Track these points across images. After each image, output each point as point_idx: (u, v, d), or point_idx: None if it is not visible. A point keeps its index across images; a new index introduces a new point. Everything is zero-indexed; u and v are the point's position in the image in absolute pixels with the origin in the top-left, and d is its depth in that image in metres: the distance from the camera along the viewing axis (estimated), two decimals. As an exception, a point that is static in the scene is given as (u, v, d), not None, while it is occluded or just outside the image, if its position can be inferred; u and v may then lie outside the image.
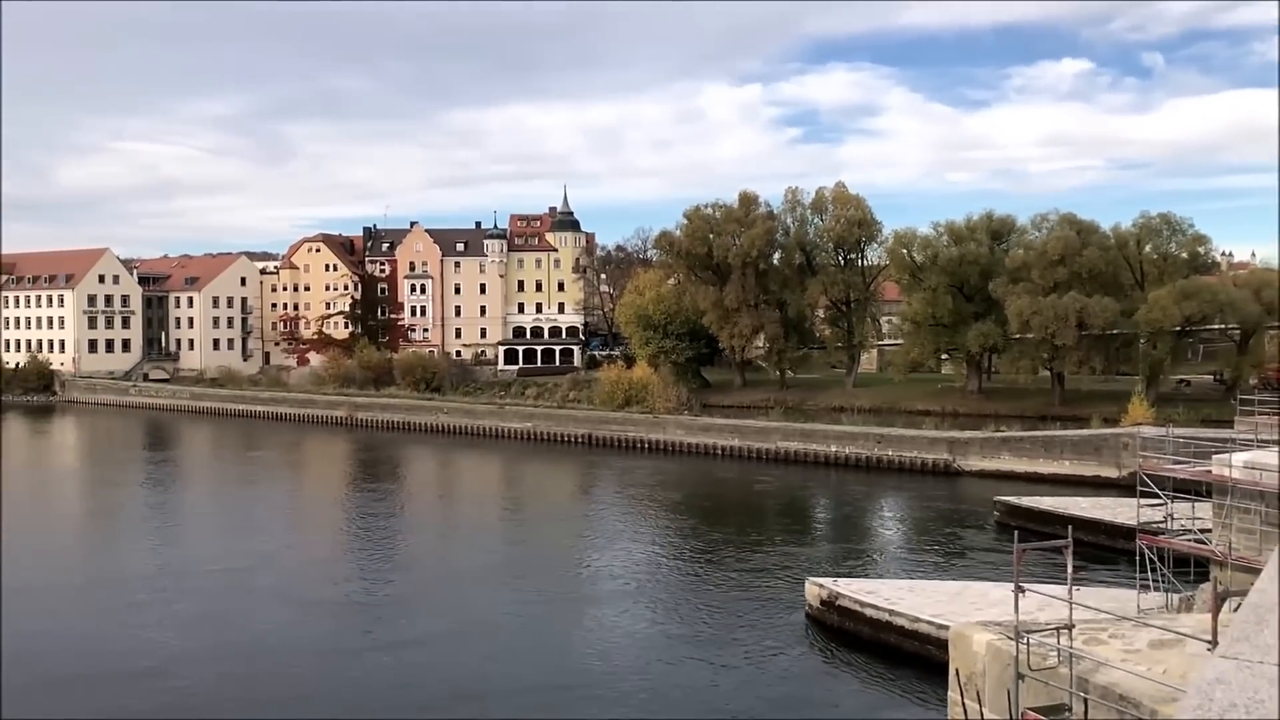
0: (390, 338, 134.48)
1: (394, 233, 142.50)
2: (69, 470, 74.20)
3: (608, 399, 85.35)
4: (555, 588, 37.22)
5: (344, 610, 34.21)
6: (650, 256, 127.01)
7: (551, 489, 64.36)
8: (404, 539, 47.09)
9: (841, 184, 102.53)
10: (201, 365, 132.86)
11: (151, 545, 44.90)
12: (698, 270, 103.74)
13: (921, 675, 26.66)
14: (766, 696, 26.74)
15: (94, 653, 29.69)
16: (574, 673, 28.31)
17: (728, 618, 33.05)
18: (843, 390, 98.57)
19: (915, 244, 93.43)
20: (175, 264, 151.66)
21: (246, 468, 73.73)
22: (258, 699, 26.03)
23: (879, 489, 58.90)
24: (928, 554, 42.47)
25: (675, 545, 44.88)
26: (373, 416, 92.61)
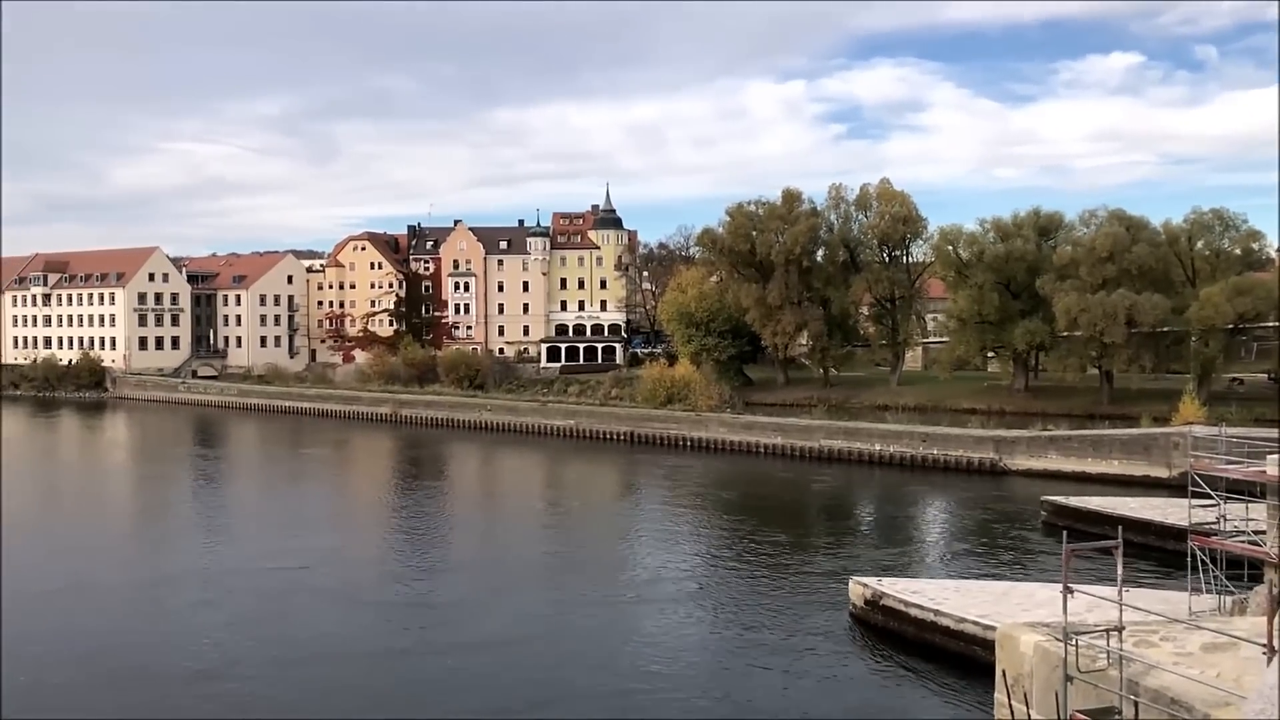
0: (434, 335, 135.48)
1: (438, 231, 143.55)
2: (122, 467, 75.38)
3: (650, 397, 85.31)
4: (600, 587, 37.20)
5: (401, 611, 34.02)
6: (693, 254, 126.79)
7: (595, 487, 64.43)
8: (453, 537, 47.18)
9: (886, 180, 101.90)
10: (249, 362, 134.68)
11: (207, 543, 45.08)
12: (740, 267, 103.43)
13: (967, 676, 26.39)
14: (809, 696, 26.59)
15: (152, 652, 29.61)
16: (617, 671, 28.30)
17: (770, 617, 32.91)
18: (887, 388, 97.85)
19: (961, 240, 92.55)
20: (223, 262, 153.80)
21: (296, 464, 74.57)
22: (321, 702, 25.80)
23: (923, 488, 58.36)
24: (973, 554, 42.01)
25: (718, 544, 44.78)
26: (417, 413, 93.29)
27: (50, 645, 30.10)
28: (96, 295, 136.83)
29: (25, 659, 28.69)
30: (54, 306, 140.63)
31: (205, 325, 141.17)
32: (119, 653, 29.54)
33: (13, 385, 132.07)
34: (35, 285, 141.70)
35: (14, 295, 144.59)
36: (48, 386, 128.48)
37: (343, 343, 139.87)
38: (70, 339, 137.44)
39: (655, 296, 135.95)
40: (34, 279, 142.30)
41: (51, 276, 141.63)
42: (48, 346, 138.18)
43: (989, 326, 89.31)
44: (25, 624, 32.13)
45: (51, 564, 40.43)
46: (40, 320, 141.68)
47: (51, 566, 39.92)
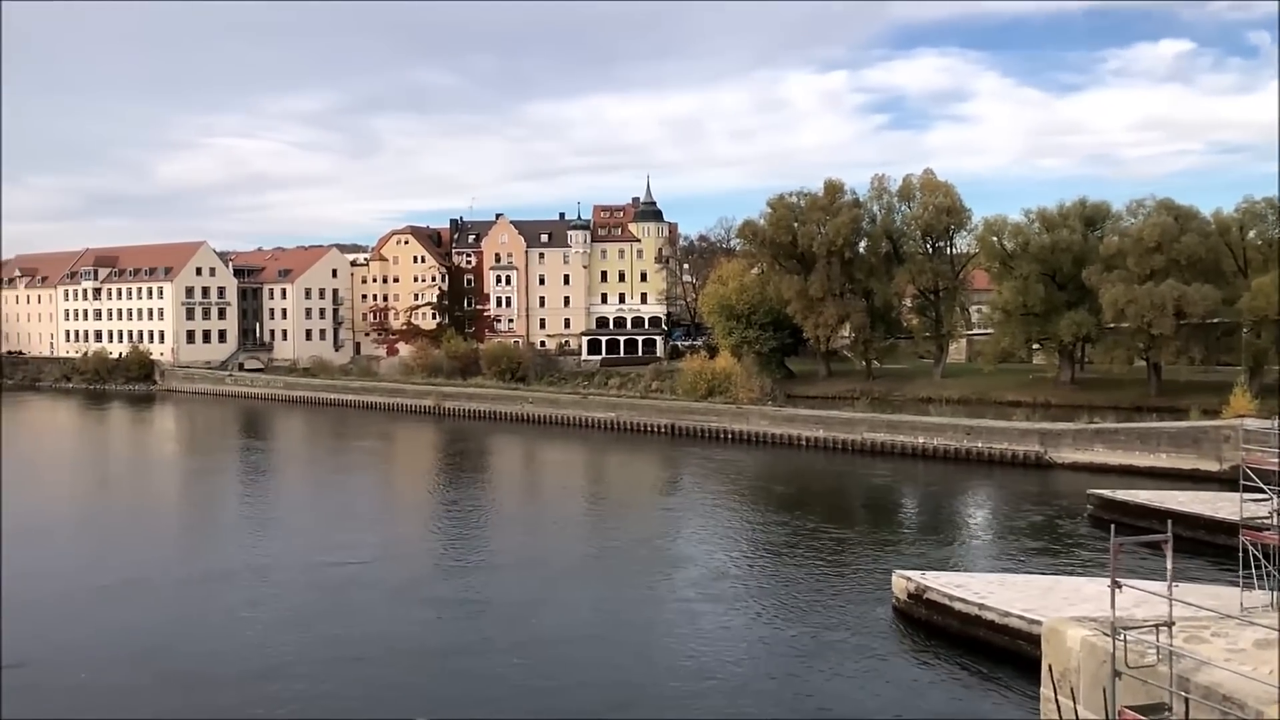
0: (476, 328, 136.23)
1: (479, 224, 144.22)
2: (172, 459, 76.45)
3: (691, 389, 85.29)
4: (645, 581, 37.32)
5: (459, 608, 33.85)
6: (733, 246, 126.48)
7: (637, 480, 64.47)
8: (502, 532, 47.08)
9: (929, 171, 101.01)
10: (294, 355, 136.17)
11: (259, 537, 45.25)
12: (782, 259, 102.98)
13: (1012, 671, 26.21)
14: (853, 690, 26.52)
15: (210, 651, 29.46)
16: (660, 664, 28.41)
17: (814, 610, 32.86)
18: (930, 381, 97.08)
19: (1006, 231, 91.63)
20: (269, 256, 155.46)
21: (343, 457, 75.23)
22: (386, 702, 25.35)
23: (968, 481, 57.90)
24: (1018, 548, 41.63)
25: (761, 536, 44.70)
26: (459, 406, 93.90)
27: (107, 643, 30.08)
28: (145, 289, 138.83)
29: (83, 657, 28.67)
30: (104, 301, 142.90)
31: (251, 319, 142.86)
32: (175, 651, 29.38)
33: (65, 378, 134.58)
34: (86, 280, 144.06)
35: (66, 290, 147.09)
36: (98, 379, 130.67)
37: (386, 336, 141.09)
38: (120, 333, 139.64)
39: (696, 289, 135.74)
40: (85, 273, 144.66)
41: (102, 271, 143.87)
42: (98, 340, 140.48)
43: (1034, 318, 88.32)
44: (82, 620, 32.23)
45: (106, 558, 40.68)
46: (91, 314, 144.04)
47: (106, 561, 40.18)
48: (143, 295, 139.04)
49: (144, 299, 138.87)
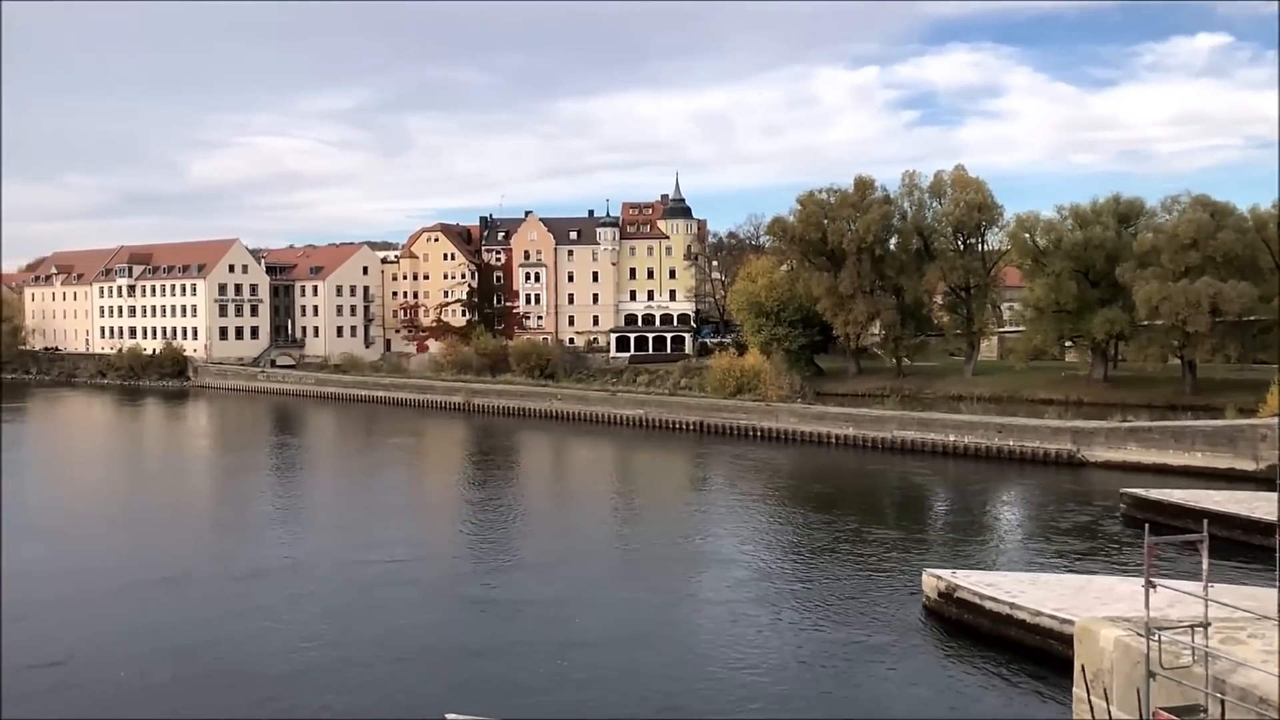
0: (505, 325, 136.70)
1: (509, 222, 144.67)
2: (207, 455, 77.14)
3: (719, 387, 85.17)
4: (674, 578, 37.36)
5: (500, 608, 33.43)
6: (762, 243, 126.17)
7: (667, 477, 64.50)
8: (536, 530, 46.96)
9: (961, 167, 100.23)
10: (326, 352, 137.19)
11: (295, 534, 45.15)
12: (811, 256, 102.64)
13: (1044, 671, 26.03)
14: (882, 689, 26.41)
15: (250, 649, 29.18)
16: (690, 663, 28.37)
17: (843, 608, 32.75)
18: (961, 378, 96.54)
19: (1038, 228, 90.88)
20: (300, 254, 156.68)
21: (376, 453, 75.60)
22: (432, 703, 24.39)
23: (999, 480, 57.52)
24: (1050, 547, 41.29)
25: (790, 534, 44.60)
26: (489, 402, 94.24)
27: (146, 641, 29.81)
28: (179, 286, 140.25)
29: (123, 655, 28.48)
30: (138, 298, 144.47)
31: (283, 315, 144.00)
32: (215, 650, 29.05)
33: (100, 374, 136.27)
34: (121, 277, 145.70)
35: (101, 287, 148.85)
36: (133, 375, 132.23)
37: (417, 333, 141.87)
38: (154, 329, 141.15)
39: (725, 286, 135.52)
40: (119, 271, 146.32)
41: (136, 268, 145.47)
42: (133, 336, 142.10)
43: (1066, 315, 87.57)
44: (121, 618, 32.14)
45: (144, 555, 40.64)
46: (125, 311, 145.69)
47: (144, 558, 40.15)
48: (176, 292, 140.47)
49: (178, 296, 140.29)
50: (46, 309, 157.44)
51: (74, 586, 35.74)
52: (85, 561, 39.82)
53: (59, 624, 31.48)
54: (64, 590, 35.19)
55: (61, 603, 33.73)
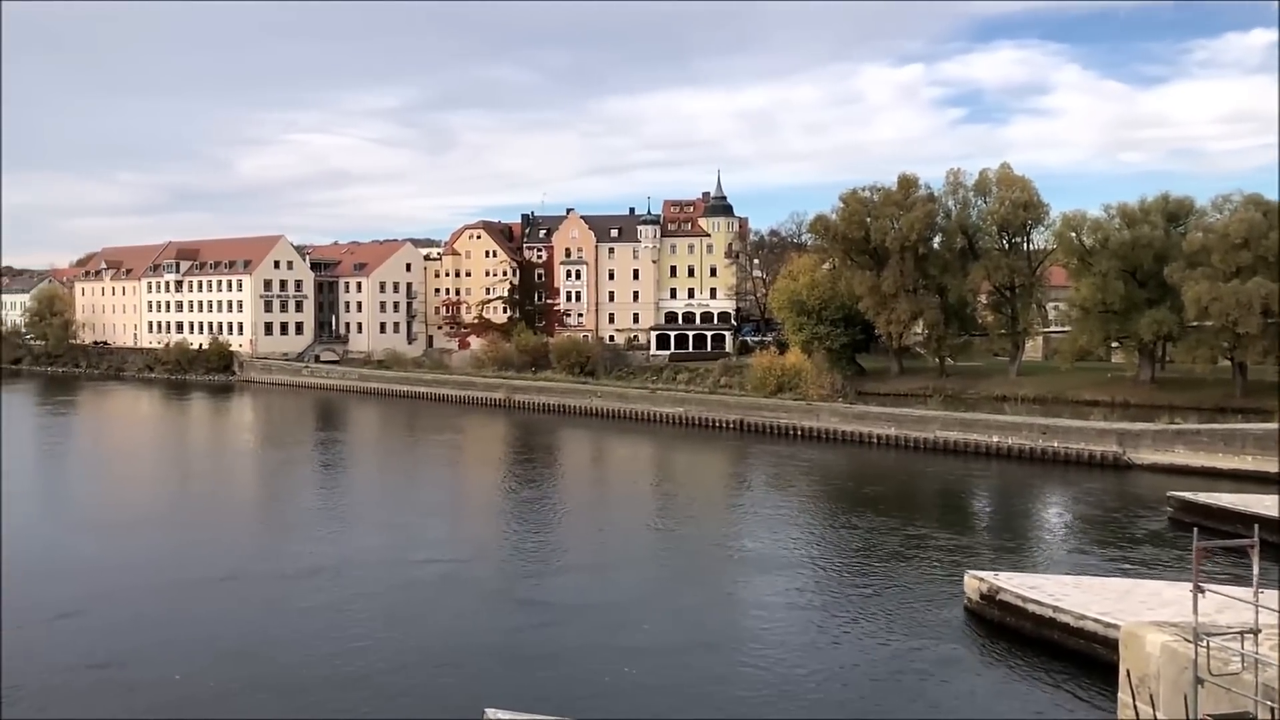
0: (546, 322, 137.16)
1: (550, 220, 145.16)
2: (253, 450, 77.72)
3: (760, 385, 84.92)
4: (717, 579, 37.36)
5: (560, 611, 32.76)
6: (804, 241, 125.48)
7: (709, 477, 64.33)
8: (578, 530, 46.68)
9: (1006, 165, 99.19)
10: (369, 348, 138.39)
11: (344, 531, 44.88)
12: (854, 255, 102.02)
13: (1088, 675, 25.73)
14: (924, 691, 26.20)
15: (305, 652, 28.77)
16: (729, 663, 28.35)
17: (884, 610, 32.53)
18: (1005, 379, 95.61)
19: (1085, 227, 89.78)
20: (344, 251, 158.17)
21: (421, 450, 76.03)
22: (485, 701, 23.29)
23: (1043, 481, 56.89)
24: (1094, 550, 40.78)
25: (832, 535, 44.40)
26: (529, 399, 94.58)
27: (200, 641, 29.55)
28: (225, 282, 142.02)
29: (177, 656, 28.23)
30: (185, 293, 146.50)
31: (327, 311, 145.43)
32: (269, 652, 28.82)
33: (148, 368, 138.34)
34: (168, 273, 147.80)
35: (149, 282, 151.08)
36: (180, 370, 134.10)
37: (458, 329, 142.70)
38: (200, 324, 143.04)
39: (766, 284, 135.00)
40: (167, 266, 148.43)
41: (183, 264, 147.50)
42: (179, 331, 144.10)
43: (1113, 316, 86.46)
44: (174, 617, 31.83)
45: (195, 553, 40.33)
46: (173, 306, 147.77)
47: (195, 556, 39.83)
48: (223, 288, 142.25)
49: (224, 291, 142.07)
50: (96, 304, 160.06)
51: (126, 583, 35.66)
52: (137, 557, 39.83)
53: (112, 621, 31.41)
54: (116, 586, 35.18)
55: (114, 600, 33.65)
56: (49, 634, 30.20)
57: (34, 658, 28.08)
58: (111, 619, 31.71)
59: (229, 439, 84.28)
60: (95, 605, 33.02)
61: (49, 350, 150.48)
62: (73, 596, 33.72)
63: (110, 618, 31.81)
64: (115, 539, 43.33)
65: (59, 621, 31.23)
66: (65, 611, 32.12)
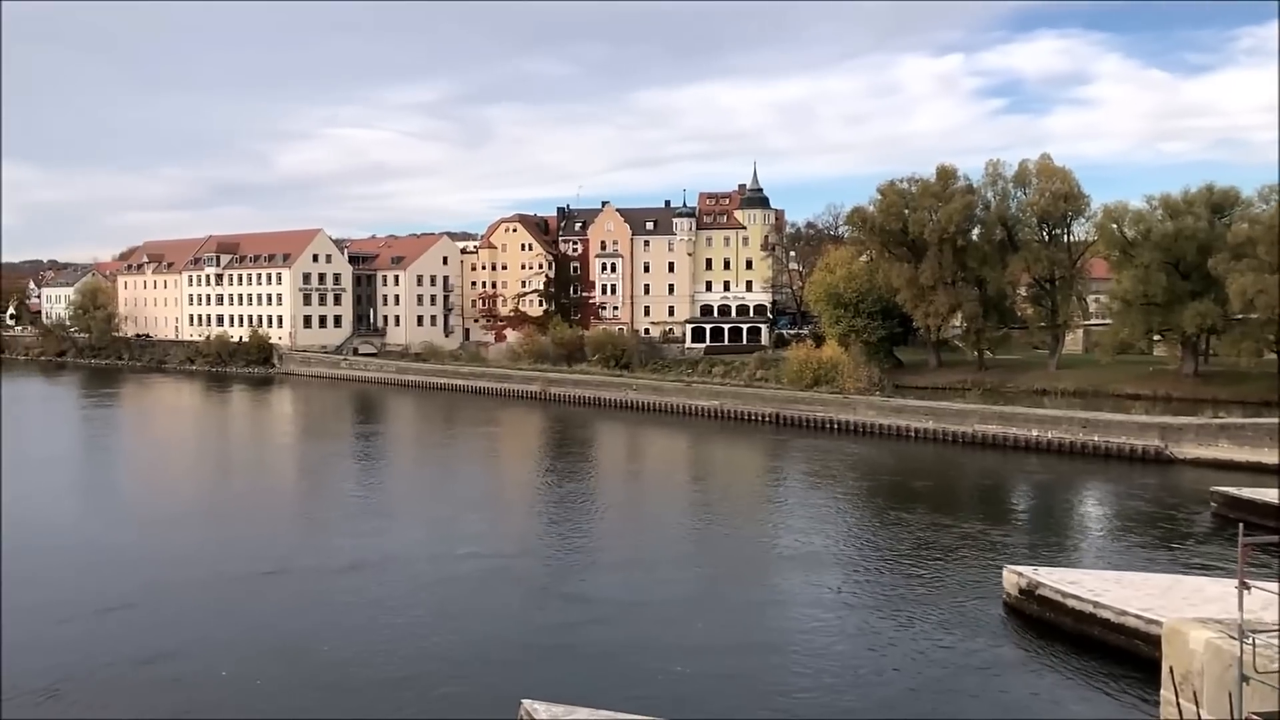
0: (582, 315, 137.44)
1: (586, 213, 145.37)
2: (295, 443, 78.62)
3: (796, 378, 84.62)
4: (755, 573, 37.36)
5: (611, 609, 32.53)
6: (841, 233, 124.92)
7: (745, 470, 64.21)
8: (618, 524, 46.46)
9: (1047, 156, 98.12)
10: (406, 340, 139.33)
11: (387, 525, 44.88)
12: (892, 247, 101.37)
13: (1129, 672, 25.47)
14: (963, 687, 26.03)
15: (357, 650, 28.40)
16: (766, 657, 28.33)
17: (921, 604, 32.35)
18: (1045, 372, 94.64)
19: (1126, 218, 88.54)
20: (382, 244, 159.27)
21: (461, 443, 76.41)
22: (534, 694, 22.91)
23: (1083, 476, 56.29)
24: (1135, 545, 40.33)
25: (868, 529, 44.19)
26: (565, 392, 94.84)
27: (247, 637, 29.53)
28: (265, 275, 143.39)
29: (223, 653, 28.13)
30: (226, 286, 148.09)
31: (365, 304, 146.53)
32: (318, 648, 28.61)
33: (189, 360, 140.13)
34: (209, 266, 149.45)
35: (190, 275, 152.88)
36: (220, 362, 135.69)
37: (495, 322, 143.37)
38: (240, 317, 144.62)
39: (802, 276, 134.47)
40: (208, 260, 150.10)
41: (224, 258, 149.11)
42: (220, 324, 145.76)
43: (1155, 308, 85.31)
44: (220, 612, 31.77)
45: (239, 547, 40.35)
46: (213, 299, 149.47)
47: (239, 550, 39.83)
48: (262, 281, 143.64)
49: (263, 284, 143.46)
50: (138, 297, 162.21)
51: (173, 577, 35.72)
52: (182, 551, 39.92)
53: (160, 616, 31.44)
54: (163, 580, 35.30)
55: (161, 594, 33.72)
56: (99, 627, 30.38)
57: (84, 652, 28.32)
58: (159, 613, 31.74)
59: (270, 431, 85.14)
60: (143, 599, 33.13)
61: (93, 343, 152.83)
62: (121, 591, 33.84)
63: (157, 612, 31.88)
64: (161, 532, 43.63)
65: (109, 615, 31.44)
66: (114, 605, 32.30)
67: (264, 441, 78.11)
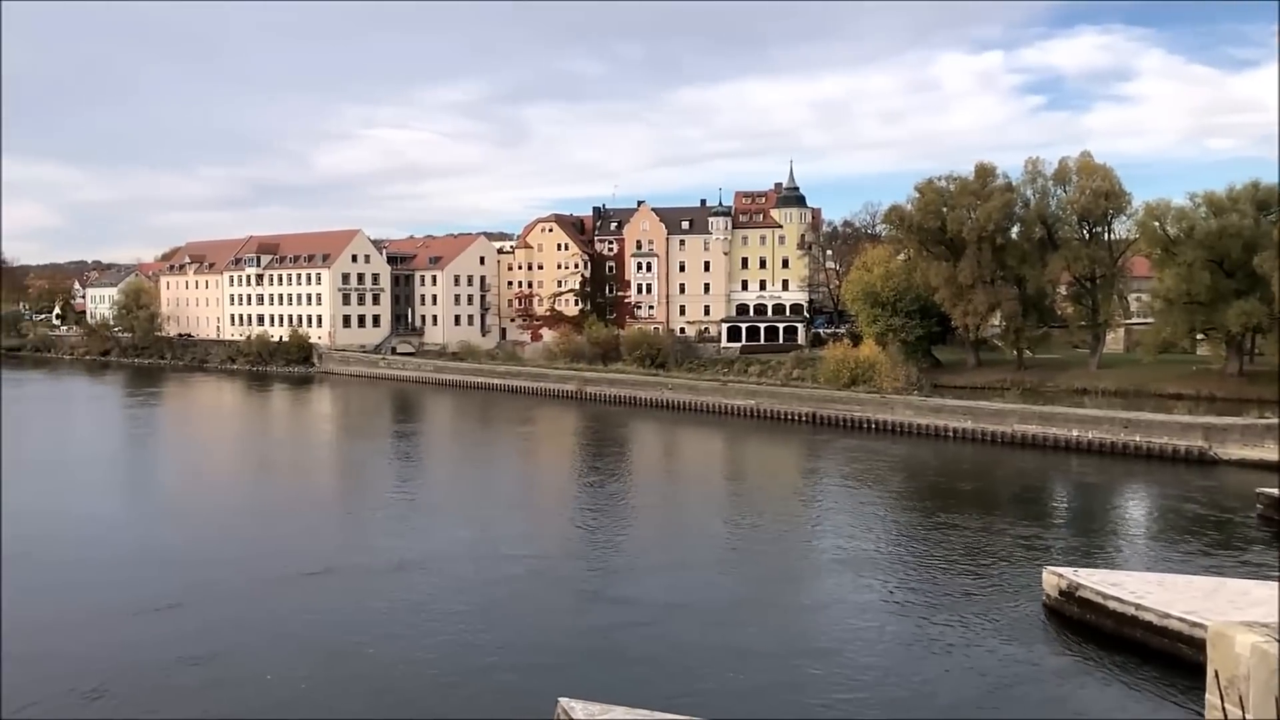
0: (617, 314, 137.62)
1: (621, 212, 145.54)
2: (337, 441, 79.21)
3: (833, 378, 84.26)
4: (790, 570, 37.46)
5: (660, 612, 32.07)
6: (879, 231, 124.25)
7: (783, 470, 63.90)
8: (657, 524, 46.38)
9: (1087, 153, 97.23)
10: (444, 340, 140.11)
11: (430, 524, 45.02)
12: (930, 245, 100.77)
13: (1172, 675, 25.26)
14: (1002, 689, 25.87)
15: (401, 649, 28.41)
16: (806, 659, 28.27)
17: (960, 605, 32.17)
18: (1085, 371, 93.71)
19: (1169, 216, 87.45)
20: (420, 244, 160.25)
21: (500, 442, 76.65)
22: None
23: (1124, 477, 55.66)
24: (1178, 547, 39.83)
25: (907, 529, 43.93)
26: (600, 391, 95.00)
27: (292, 639, 29.56)
28: (304, 275, 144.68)
29: (269, 654, 28.21)
30: (266, 286, 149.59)
31: (404, 304, 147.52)
32: (365, 650, 28.48)
33: (230, 359, 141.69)
34: (250, 266, 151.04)
35: (231, 275, 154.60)
36: (261, 361, 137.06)
37: (531, 321, 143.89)
38: (281, 316, 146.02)
39: (839, 275, 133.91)
40: (248, 260, 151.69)
41: (264, 258, 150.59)
42: (260, 324, 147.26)
43: (1199, 307, 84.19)
44: (265, 613, 31.78)
45: (283, 547, 40.42)
46: (254, 299, 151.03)
47: (283, 549, 39.90)
48: (302, 281, 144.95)
49: (303, 285, 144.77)
50: (180, 297, 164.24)
51: (218, 576, 35.81)
52: (227, 550, 40.07)
53: (206, 616, 31.48)
54: (209, 580, 35.38)
55: (207, 593, 33.81)
56: (145, 627, 30.50)
57: (130, 652, 28.41)
58: (205, 614, 31.73)
59: (312, 430, 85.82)
60: (189, 599, 33.15)
61: (136, 342, 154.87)
62: (167, 591, 33.86)
63: (203, 613, 31.87)
64: (206, 531, 43.78)
65: (155, 615, 31.51)
66: (160, 606, 32.37)
67: (306, 440, 78.77)
